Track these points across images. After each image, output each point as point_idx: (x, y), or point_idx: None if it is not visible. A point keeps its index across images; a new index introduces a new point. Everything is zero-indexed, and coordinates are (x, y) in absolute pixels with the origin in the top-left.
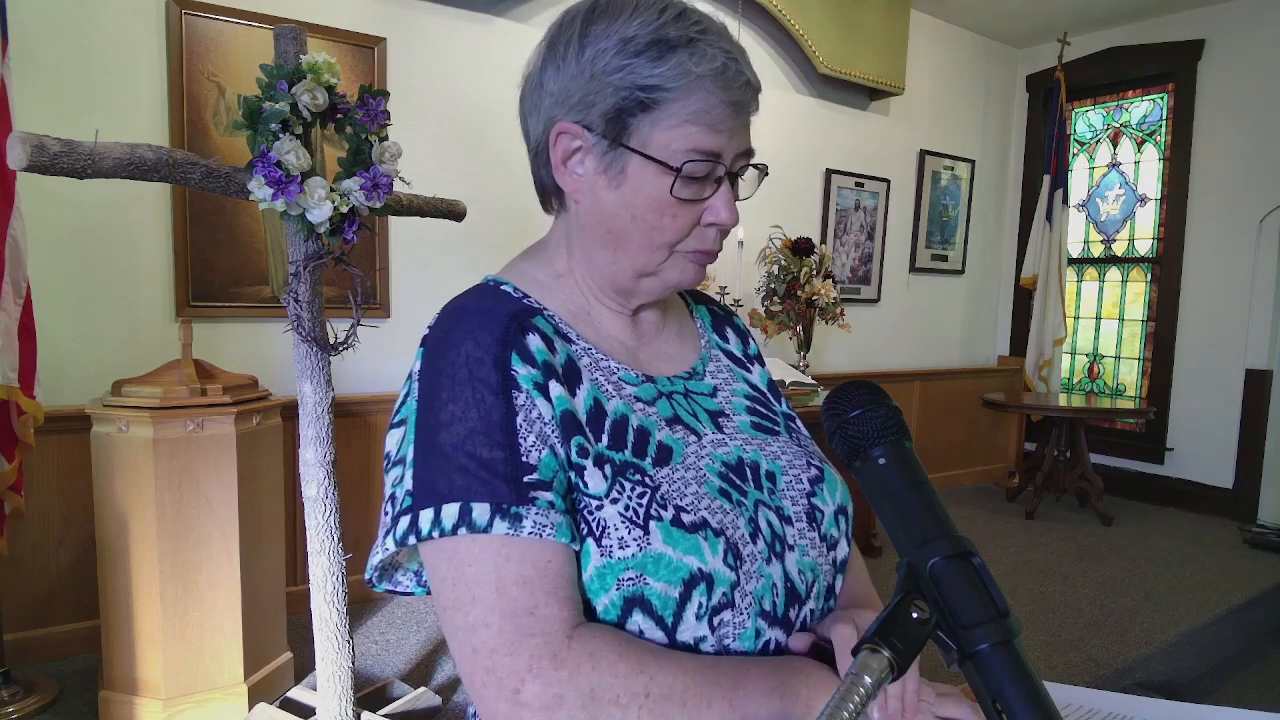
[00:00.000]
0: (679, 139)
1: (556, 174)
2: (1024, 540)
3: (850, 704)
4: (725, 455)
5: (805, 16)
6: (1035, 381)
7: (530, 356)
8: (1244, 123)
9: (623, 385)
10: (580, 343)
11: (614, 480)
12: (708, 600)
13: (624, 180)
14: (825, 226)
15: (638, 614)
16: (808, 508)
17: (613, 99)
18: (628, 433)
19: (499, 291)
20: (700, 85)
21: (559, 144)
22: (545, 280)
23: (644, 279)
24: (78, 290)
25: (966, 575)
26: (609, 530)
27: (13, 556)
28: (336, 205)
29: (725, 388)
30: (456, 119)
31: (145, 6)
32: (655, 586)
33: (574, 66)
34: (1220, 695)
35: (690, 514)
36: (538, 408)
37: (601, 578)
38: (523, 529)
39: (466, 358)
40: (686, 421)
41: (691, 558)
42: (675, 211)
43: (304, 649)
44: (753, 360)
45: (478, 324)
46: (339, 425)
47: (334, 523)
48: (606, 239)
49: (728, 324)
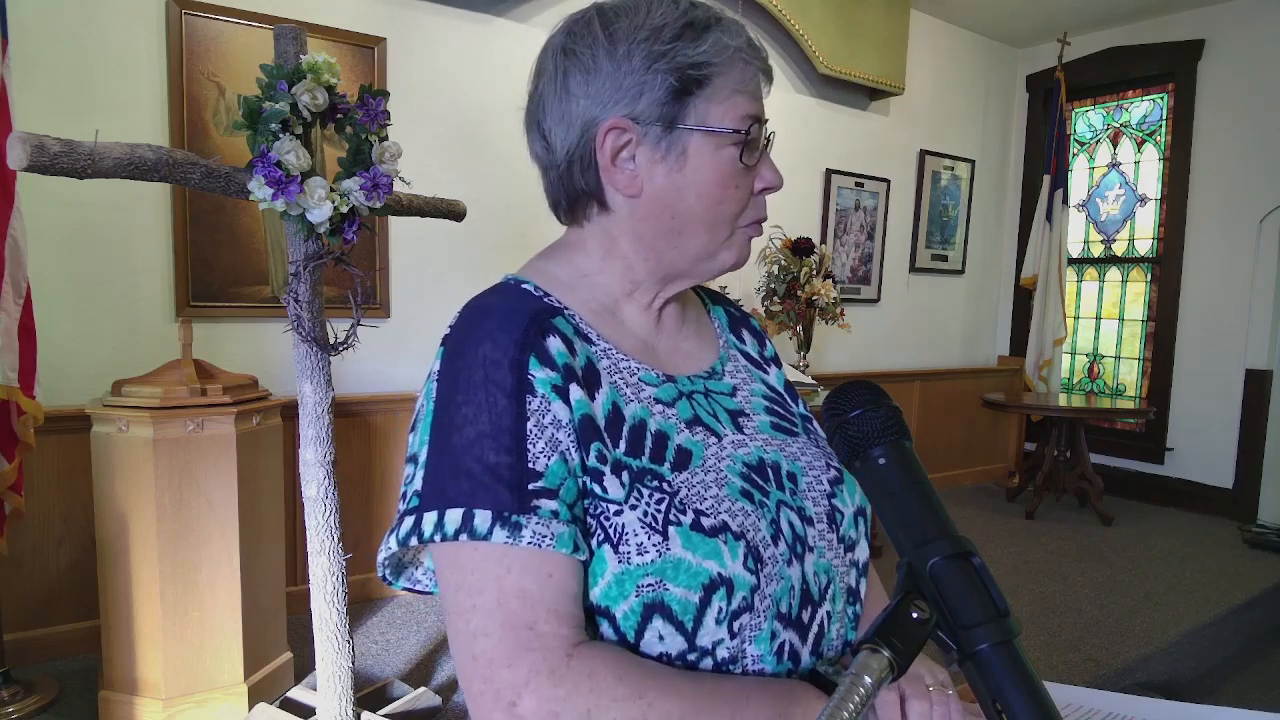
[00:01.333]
0: (731, 110)
1: (605, 174)
2: (1024, 540)
3: (850, 704)
4: (746, 456)
5: (805, 16)
6: (1035, 381)
7: (550, 359)
8: (1244, 123)
9: (643, 386)
10: (600, 343)
11: (632, 487)
12: (728, 605)
13: (685, 161)
14: (825, 226)
15: (658, 620)
16: (828, 509)
17: (664, 84)
18: (646, 438)
19: (520, 290)
20: (738, 57)
21: (608, 142)
22: (568, 279)
23: (702, 262)
24: (78, 290)
25: (966, 575)
26: (627, 536)
27: (13, 556)
28: (336, 205)
29: (744, 387)
30: (456, 119)
31: (145, 6)
32: (675, 592)
33: (608, 65)
34: (1220, 695)
35: (710, 517)
36: (552, 412)
37: (620, 584)
38: (522, 538)
39: (483, 359)
40: (707, 422)
41: (711, 562)
42: (738, 182)
43: (304, 649)
44: (769, 362)
45: (497, 325)
46: (339, 425)
47: (334, 523)
48: (672, 225)
49: (744, 325)
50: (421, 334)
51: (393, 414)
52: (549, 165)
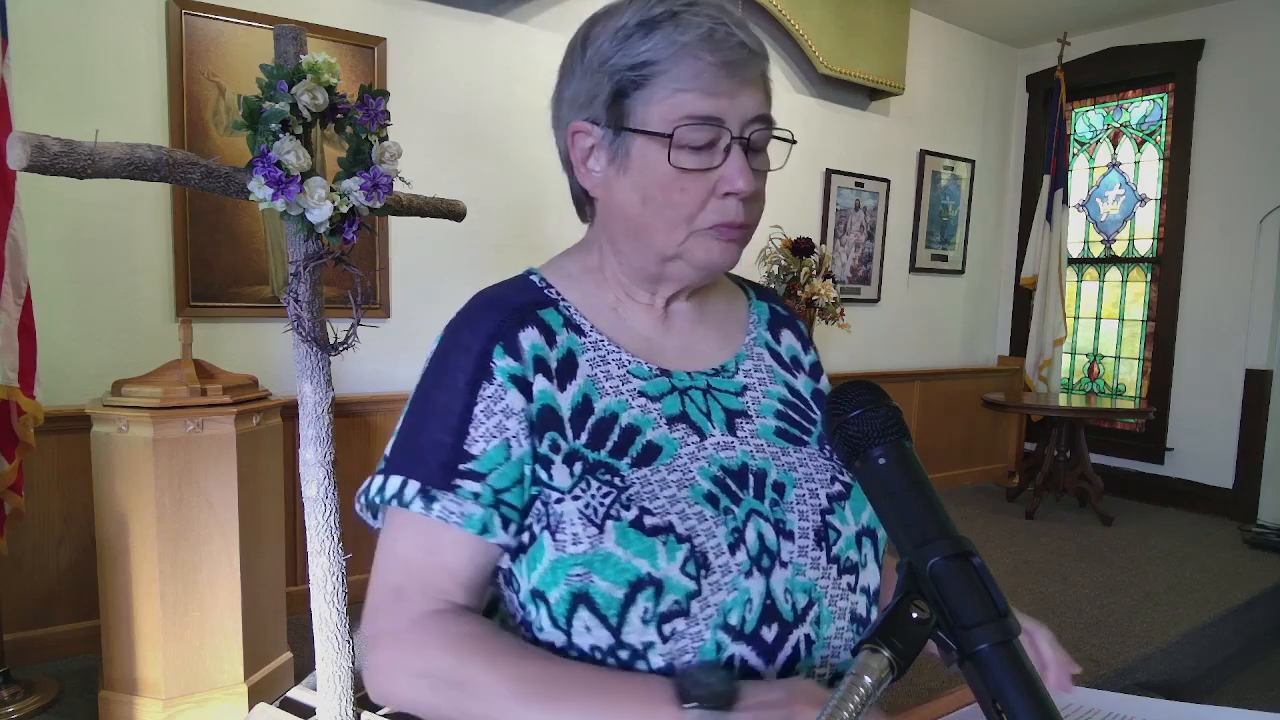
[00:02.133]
0: (672, 109)
1: (579, 176)
2: (1024, 540)
3: (850, 704)
4: (727, 459)
5: (805, 16)
6: (1035, 381)
7: (517, 350)
8: (1244, 123)
9: (629, 379)
10: (593, 334)
11: (580, 478)
12: (654, 605)
13: (629, 164)
14: (825, 226)
15: (583, 610)
16: (818, 525)
17: (609, 85)
18: (612, 431)
19: (526, 281)
20: (687, 52)
21: (576, 144)
22: (576, 273)
23: (669, 263)
24: (78, 290)
25: (966, 575)
26: (564, 525)
27: (13, 556)
28: (336, 205)
29: (757, 388)
30: (456, 119)
31: (145, 6)
32: (600, 585)
33: (579, 68)
34: (1220, 695)
35: (655, 517)
36: (506, 400)
37: (554, 571)
38: (432, 511)
39: (458, 346)
40: (694, 420)
41: (643, 560)
42: (683, 184)
43: (304, 649)
44: (806, 369)
45: (482, 314)
46: (339, 425)
47: (334, 523)
48: (626, 228)
49: (788, 326)
50: (421, 334)
51: (393, 414)
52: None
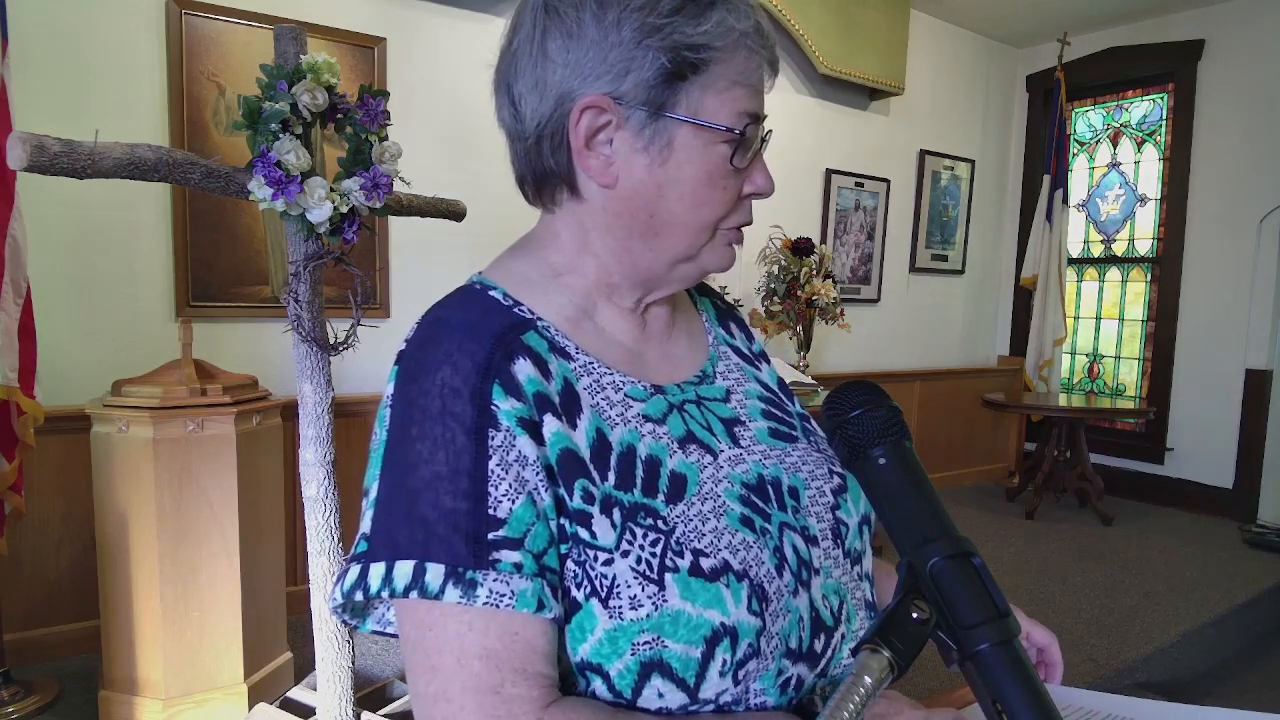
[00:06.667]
0: (729, 103)
1: (578, 157)
2: (1024, 540)
3: (850, 704)
4: (744, 475)
5: (805, 16)
6: (1035, 381)
7: (517, 388)
8: (1244, 123)
9: (629, 403)
10: (580, 357)
11: (624, 528)
12: (732, 656)
13: (670, 155)
14: (825, 226)
15: (656, 678)
16: (832, 523)
17: (655, 64)
18: (636, 466)
19: (486, 299)
20: (743, 43)
21: (582, 121)
22: (539, 280)
23: (681, 265)
24: (78, 290)
25: (967, 575)
26: (619, 589)
27: (13, 556)
28: (336, 205)
29: (738, 389)
30: (456, 119)
31: (145, 6)
32: (675, 648)
33: (594, 31)
34: (1220, 695)
35: (710, 557)
36: (518, 448)
37: (613, 641)
38: (477, 599)
39: (441, 387)
40: (701, 438)
41: (713, 611)
42: (725, 184)
43: (304, 649)
44: (759, 357)
45: (458, 345)
46: (339, 425)
47: (334, 523)
48: (649, 224)
49: (731, 318)
50: None
51: None
52: (516, 135)
